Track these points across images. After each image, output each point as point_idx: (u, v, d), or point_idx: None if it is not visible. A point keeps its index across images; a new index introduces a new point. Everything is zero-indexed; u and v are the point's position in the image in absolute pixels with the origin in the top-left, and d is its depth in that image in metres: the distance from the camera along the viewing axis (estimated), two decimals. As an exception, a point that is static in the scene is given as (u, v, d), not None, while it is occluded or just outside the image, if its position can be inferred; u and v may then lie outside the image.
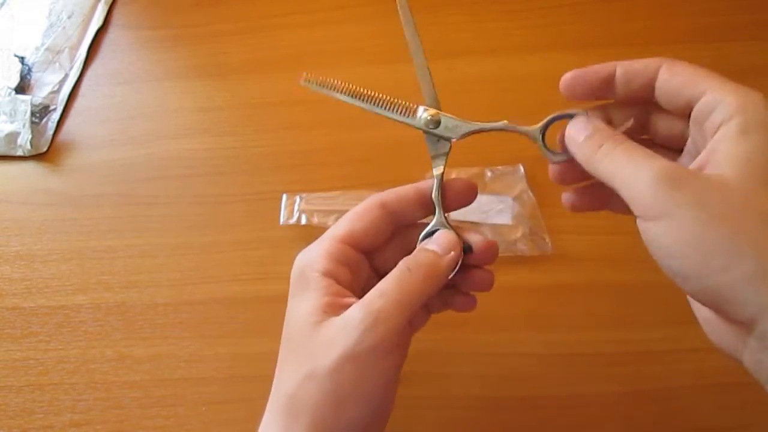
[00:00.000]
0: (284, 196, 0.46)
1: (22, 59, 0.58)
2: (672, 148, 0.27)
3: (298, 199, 0.45)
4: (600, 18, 0.54)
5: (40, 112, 0.54)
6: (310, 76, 0.29)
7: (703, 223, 0.20)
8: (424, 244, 0.28)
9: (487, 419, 0.37)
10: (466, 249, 0.28)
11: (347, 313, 0.25)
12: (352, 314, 0.24)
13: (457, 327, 0.39)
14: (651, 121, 0.27)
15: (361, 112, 0.50)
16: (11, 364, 0.42)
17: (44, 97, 0.55)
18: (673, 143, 0.27)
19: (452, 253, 0.27)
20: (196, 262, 0.45)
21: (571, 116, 0.26)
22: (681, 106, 0.24)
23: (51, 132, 0.53)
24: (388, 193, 0.29)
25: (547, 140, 0.28)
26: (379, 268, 0.30)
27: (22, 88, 0.56)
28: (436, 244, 0.27)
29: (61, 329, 0.43)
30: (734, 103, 0.22)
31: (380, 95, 0.29)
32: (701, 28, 0.52)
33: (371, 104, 0.29)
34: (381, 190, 0.44)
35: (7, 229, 0.48)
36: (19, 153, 0.52)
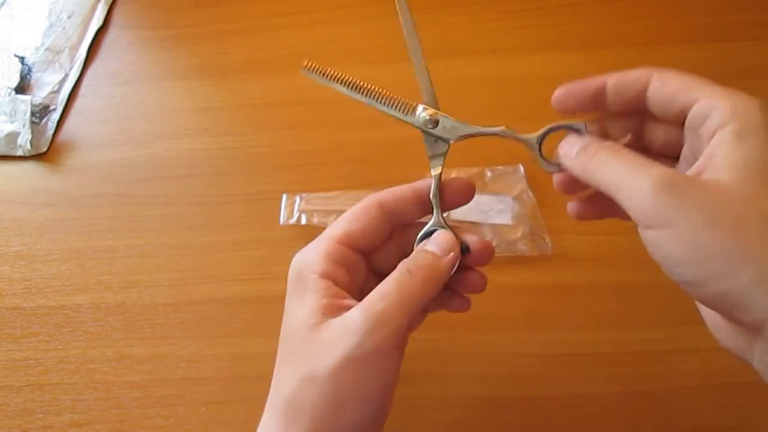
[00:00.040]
0: (284, 196, 0.46)
1: (22, 59, 0.58)
2: (668, 156, 0.27)
3: (298, 199, 0.45)
4: (600, 18, 0.54)
5: (40, 112, 0.54)
6: (311, 63, 0.29)
7: (706, 230, 0.20)
8: (422, 245, 0.28)
9: (487, 419, 0.37)
10: (464, 249, 0.28)
11: (347, 315, 0.25)
12: (352, 316, 0.24)
13: (458, 327, 0.39)
14: (645, 131, 0.27)
15: (361, 112, 0.50)
16: (11, 364, 0.42)
17: (44, 97, 0.55)
18: (668, 151, 0.27)
19: (451, 253, 0.27)
20: (196, 262, 0.45)
21: (569, 127, 0.26)
22: (675, 114, 0.24)
23: (51, 132, 0.53)
24: (385, 193, 0.28)
25: (544, 149, 0.28)
26: (377, 268, 0.30)
27: (22, 88, 0.56)
28: (435, 245, 0.27)
29: (61, 329, 0.43)
30: (728, 109, 0.22)
31: (380, 90, 0.29)
32: (701, 28, 0.52)
33: (371, 98, 0.29)
34: (381, 190, 0.45)
35: (7, 229, 0.48)
36: (19, 153, 0.52)
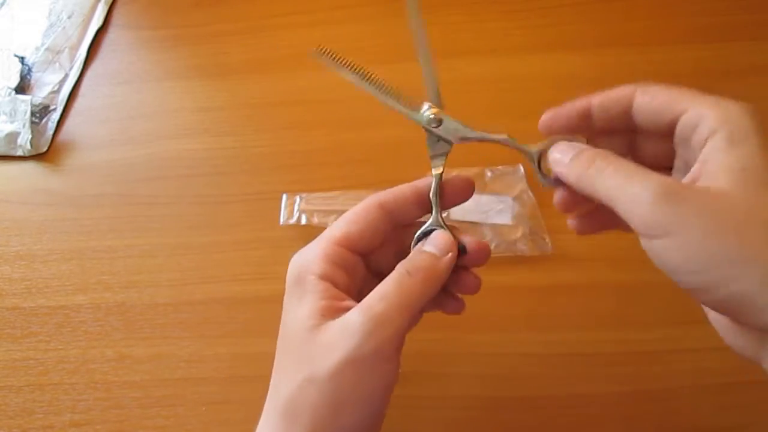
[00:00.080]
0: (284, 196, 0.46)
1: (22, 59, 0.58)
2: (661, 168, 0.27)
3: (298, 199, 0.45)
4: (600, 18, 0.54)
5: (40, 112, 0.54)
6: (324, 48, 0.28)
7: (709, 236, 0.20)
8: (420, 246, 0.28)
9: (487, 419, 0.37)
10: (460, 250, 0.28)
11: (347, 316, 0.25)
12: (352, 318, 0.24)
13: (457, 327, 0.39)
14: (635, 146, 0.28)
15: (361, 112, 0.51)
16: (11, 364, 0.42)
17: (44, 97, 0.55)
18: (660, 164, 0.27)
19: (449, 254, 0.27)
20: (196, 262, 0.45)
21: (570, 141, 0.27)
22: (663, 127, 0.25)
23: (51, 132, 0.53)
24: (386, 194, 0.28)
25: (543, 163, 0.28)
26: (375, 267, 0.29)
27: (22, 88, 0.56)
28: (433, 246, 0.27)
29: (61, 329, 0.43)
30: (717, 116, 0.22)
31: (387, 83, 0.28)
32: (701, 28, 0.52)
33: (378, 89, 0.28)
34: (381, 190, 0.45)
35: (7, 229, 0.48)
36: (19, 153, 0.52)
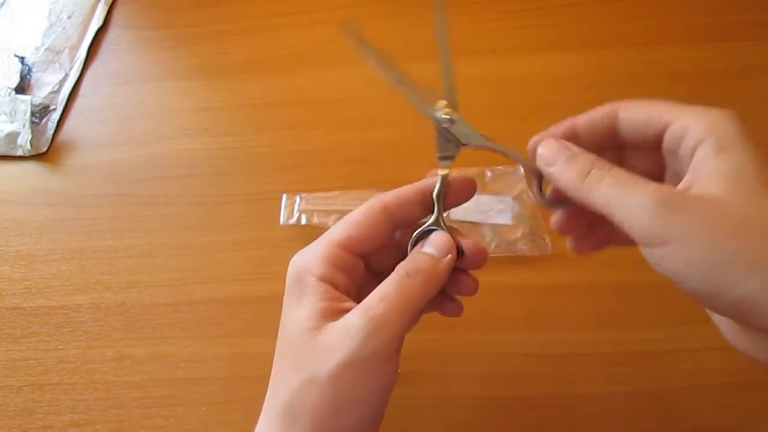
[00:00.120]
0: (284, 196, 0.46)
1: (22, 59, 0.58)
2: (653, 179, 0.28)
3: (298, 199, 0.45)
4: (600, 18, 0.54)
5: (40, 112, 0.54)
6: (352, 24, 0.28)
7: (709, 243, 0.20)
8: (420, 247, 0.28)
9: (487, 419, 0.37)
10: (459, 252, 0.28)
11: (347, 318, 0.25)
12: (352, 320, 0.24)
13: (457, 327, 0.39)
14: (625, 161, 0.28)
15: (361, 112, 0.51)
16: (11, 364, 0.42)
17: (44, 97, 0.55)
18: (651, 176, 0.27)
19: (449, 256, 0.27)
20: (196, 262, 0.45)
21: None
22: (650, 140, 0.25)
23: (51, 132, 0.53)
24: (389, 196, 0.28)
25: (544, 183, 0.28)
26: (374, 266, 0.29)
27: (22, 88, 0.56)
28: (432, 247, 0.27)
29: (61, 329, 0.43)
30: (702, 125, 0.22)
31: (408, 74, 0.28)
32: (701, 28, 0.52)
33: (397, 78, 0.28)
34: (381, 190, 0.44)
35: (7, 229, 0.48)
36: (19, 153, 0.52)
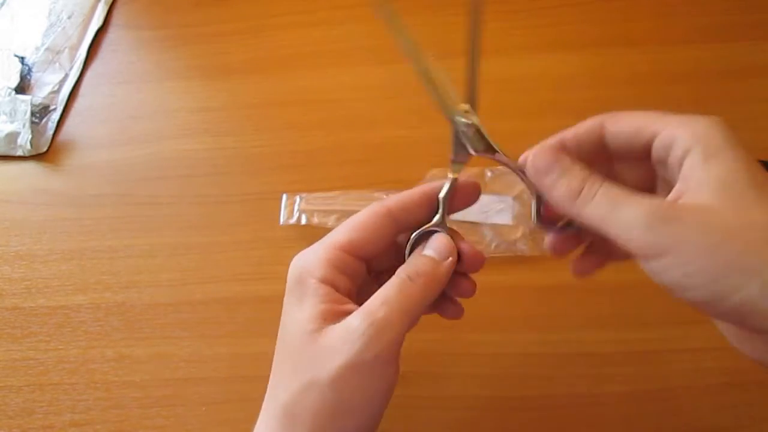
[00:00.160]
0: (284, 196, 0.46)
1: (22, 59, 0.58)
2: (644, 192, 0.28)
3: (298, 199, 0.45)
4: (600, 18, 0.54)
5: (40, 112, 0.54)
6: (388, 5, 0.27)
7: (705, 252, 0.20)
8: (420, 250, 0.28)
9: (487, 419, 0.37)
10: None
11: (348, 321, 0.24)
12: (353, 323, 0.24)
13: (458, 327, 0.38)
14: (616, 174, 0.28)
15: (361, 112, 0.50)
16: (11, 364, 0.42)
17: (44, 97, 0.55)
18: (643, 187, 0.27)
19: (450, 258, 0.27)
20: (196, 262, 0.45)
21: None
22: (638, 151, 0.25)
23: (51, 132, 0.53)
24: (392, 200, 0.28)
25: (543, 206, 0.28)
26: (374, 268, 0.29)
27: (22, 88, 0.56)
28: (433, 250, 0.27)
29: (61, 329, 0.43)
30: (689, 134, 0.23)
31: (437, 67, 0.28)
32: (701, 28, 0.52)
33: (424, 69, 0.28)
34: (381, 190, 0.45)
35: (7, 229, 0.48)
36: (19, 153, 0.52)
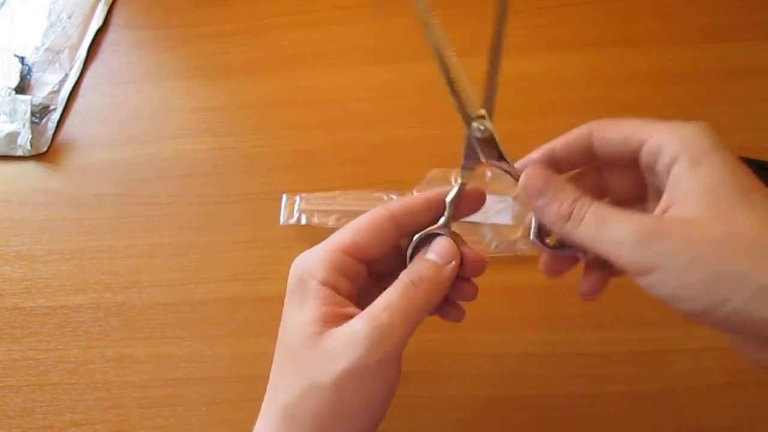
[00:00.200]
0: (284, 196, 0.46)
1: (22, 59, 0.58)
2: (634, 199, 0.28)
3: (298, 199, 0.45)
4: (600, 18, 0.54)
5: (40, 112, 0.54)
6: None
7: (693, 265, 0.21)
8: (423, 254, 0.27)
9: (487, 419, 0.37)
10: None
11: (352, 325, 0.24)
12: (357, 327, 0.24)
13: (457, 327, 0.38)
14: (606, 182, 0.28)
15: (361, 112, 0.50)
16: (11, 364, 0.42)
17: (44, 97, 0.55)
18: (633, 194, 0.28)
19: (452, 263, 0.27)
20: (196, 262, 0.45)
21: None
22: (627, 159, 0.25)
23: (51, 132, 0.53)
24: (396, 205, 0.28)
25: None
26: (375, 271, 0.29)
27: (22, 88, 0.56)
28: (435, 254, 0.27)
29: (61, 329, 0.43)
30: (675, 142, 0.23)
31: (461, 67, 0.28)
32: (701, 28, 0.52)
33: (448, 66, 0.28)
34: (381, 190, 0.45)
35: (7, 229, 0.48)
36: (19, 153, 0.52)
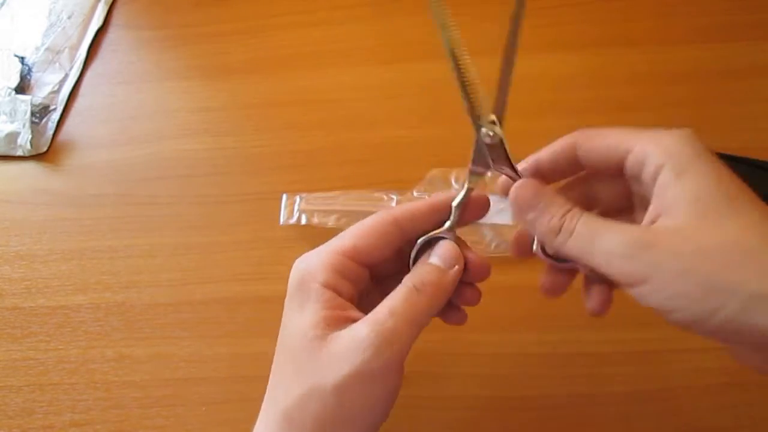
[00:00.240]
0: (284, 196, 0.46)
1: (22, 59, 0.58)
2: (622, 209, 0.28)
3: (298, 199, 0.45)
4: (600, 18, 0.54)
5: (40, 112, 0.54)
6: None
7: (682, 276, 0.21)
8: (426, 258, 0.27)
9: (487, 419, 0.37)
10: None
11: (355, 330, 0.24)
12: (361, 332, 0.24)
13: (457, 327, 0.38)
14: (594, 192, 0.28)
15: (361, 112, 0.50)
16: (11, 364, 0.42)
17: (44, 97, 0.55)
18: (620, 204, 0.28)
19: (456, 267, 0.27)
20: (196, 262, 0.45)
21: None
22: (612, 168, 0.25)
23: (51, 132, 0.53)
24: (400, 210, 0.28)
25: None
26: (377, 274, 0.29)
27: (22, 88, 0.56)
28: (439, 258, 0.27)
29: (61, 329, 0.43)
30: (660, 151, 0.23)
31: (474, 73, 0.28)
32: (701, 28, 0.52)
33: (460, 69, 0.28)
34: (381, 190, 0.45)
35: (7, 229, 0.48)
36: (19, 153, 0.52)
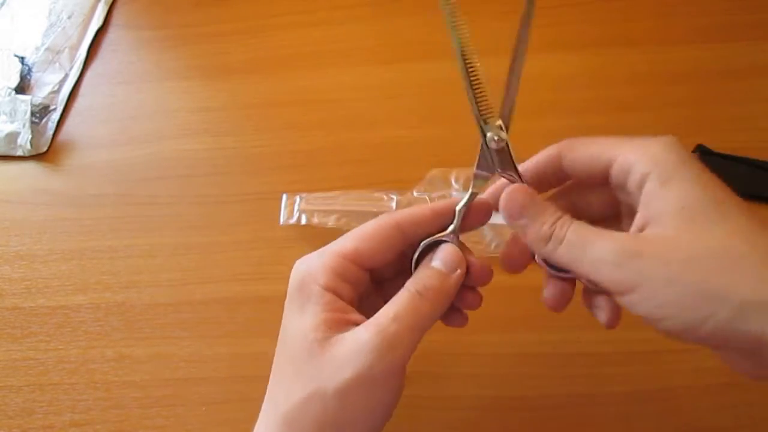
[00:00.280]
0: (284, 196, 0.46)
1: (22, 59, 0.58)
2: (609, 217, 0.28)
3: (298, 199, 0.45)
4: (600, 18, 0.54)
5: (40, 112, 0.54)
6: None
7: (671, 284, 0.21)
8: (428, 262, 0.27)
9: (488, 419, 0.37)
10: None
11: (358, 334, 0.24)
12: (363, 337, 0.24)
13: (458, 328, 0.39)
14: (580, 201, 0.28)
15: (361, 112, 0.50)
16: (11, 364, 0.42)
17: (44, 97, 0.55)
18: (607, 212, 0.28)
19: (458, 271, 0.27)
20: (196, 262, 0.45)
21: None
22: (598, 177, 0.25)
23: (51, 132, 0.53)
24: (402, 214, 0.28)
25: None
26: (377, 277, 0.29)
27: (22, 88, 0.56)
28: (441, 262, 0.27)
29: (61, 329, 0.43)
30: (644, 159, 0.23)
31: (482, 76, 0.28)
32: (701, 28, 0.52)
33: (469, 73, 0.28)
34: (381, 190, 0.45)
35: (7, 229, 0.48)
36: (19, 153, 0.52)
